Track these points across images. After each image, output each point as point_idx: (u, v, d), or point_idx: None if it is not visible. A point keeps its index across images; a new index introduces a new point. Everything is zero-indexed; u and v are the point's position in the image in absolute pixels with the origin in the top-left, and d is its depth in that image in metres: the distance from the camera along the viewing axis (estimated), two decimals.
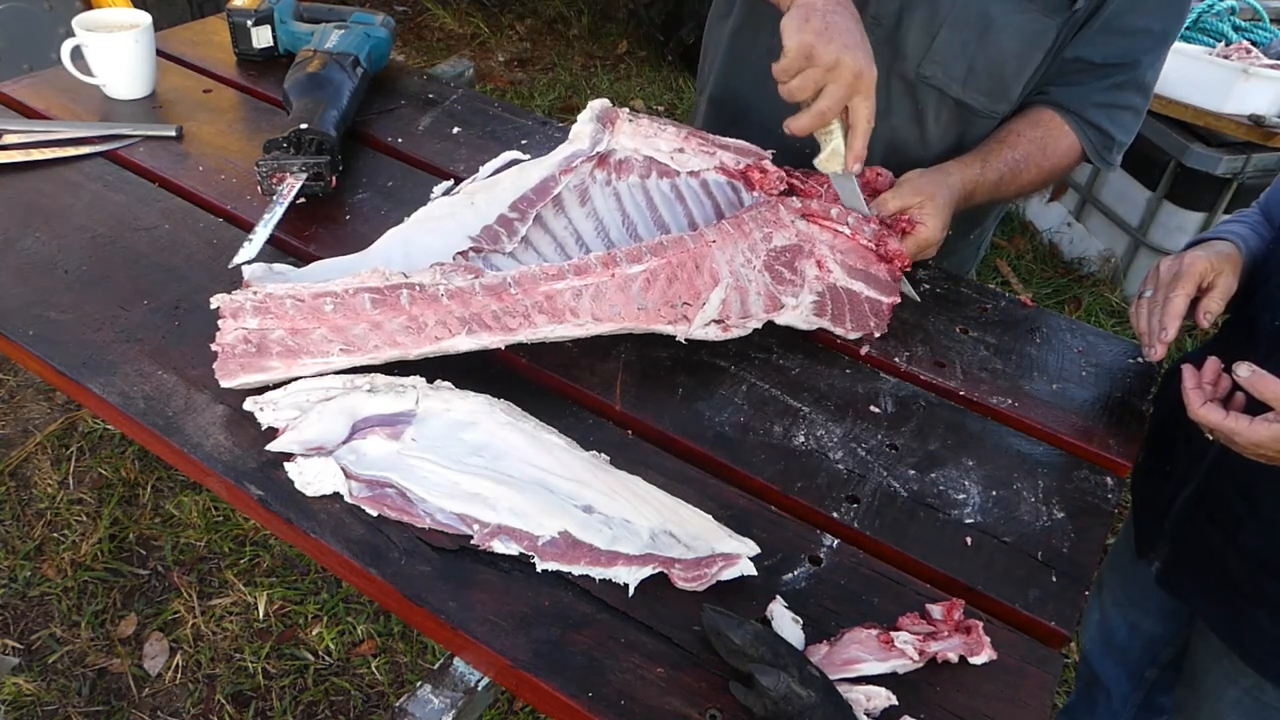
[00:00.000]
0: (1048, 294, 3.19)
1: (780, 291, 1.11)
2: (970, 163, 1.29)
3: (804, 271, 1.13)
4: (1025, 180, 1.32)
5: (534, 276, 1.00)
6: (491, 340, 0.98)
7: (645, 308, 1.04)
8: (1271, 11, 3.18)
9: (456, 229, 1.12)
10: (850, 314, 1.15)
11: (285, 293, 0.95)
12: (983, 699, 0.80)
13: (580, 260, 1.03)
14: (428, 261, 1.05)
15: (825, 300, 1.13)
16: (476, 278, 0.99)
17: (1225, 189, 2.87)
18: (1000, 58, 1.27)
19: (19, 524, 2.16)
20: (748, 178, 1.24)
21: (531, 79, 4.30)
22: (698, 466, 0.98)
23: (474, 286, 0.98)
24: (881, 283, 1.17)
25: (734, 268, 1.08)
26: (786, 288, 1.11)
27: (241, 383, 0.95)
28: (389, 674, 1.95)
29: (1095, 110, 1.31)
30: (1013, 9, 1.23)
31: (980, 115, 1.32)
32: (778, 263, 1.12)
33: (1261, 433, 0.92)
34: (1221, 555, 1.15)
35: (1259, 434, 0.92)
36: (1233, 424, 0.94)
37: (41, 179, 1.27)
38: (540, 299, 1.00)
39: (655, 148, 1.25)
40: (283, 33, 1.56)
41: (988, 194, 1.30)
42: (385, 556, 0.85)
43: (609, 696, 0.77)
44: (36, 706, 1.84)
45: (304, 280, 1.02)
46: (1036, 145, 1.31)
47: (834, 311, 1.14)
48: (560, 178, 1.19)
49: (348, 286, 0.96)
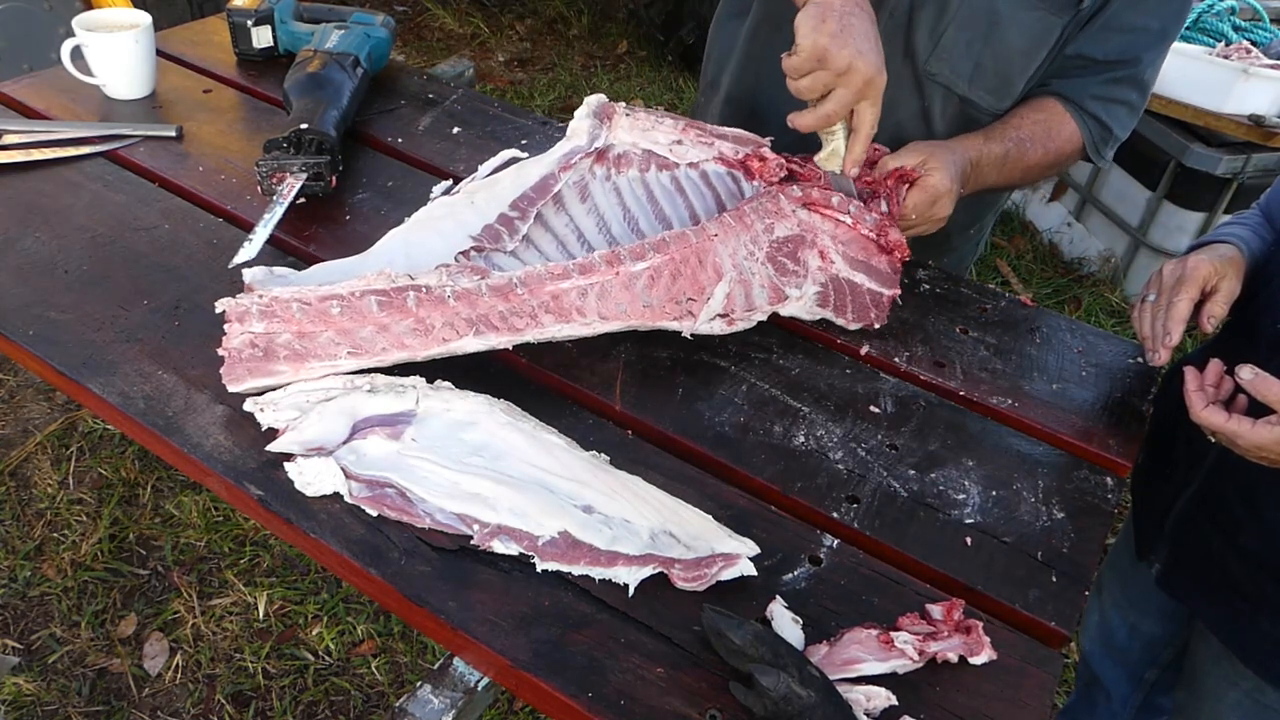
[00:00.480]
0: (1048, 294, 3.19)
1: (784, 283, 1.11)
2: (973, 138, 1.29)
3: (807, 262, 1.13)
4: (1031, 160, 1.31)
5: (540, 276, 1.00)
6: (499, 341, 0.98)
7: (650, 305, 1.04)
8: (1271, 11, 3.18)
9: (457, 229, 1.12)
10: (852, 305, 1.15)
11: (291, 296, 0.95)
12: (983, 699, 0.80)
13: (585, 260, 1.03)
14: (430, 262, 1.05)
15: (828, 291, 1.14)
16: (483, 279, 0.99)
17: (1225, 189, 2.87)
18: (1006, 55, 1.27)
19: (19, 524, 2.16)
20: (747, 167, 1.24)
21: (531, 79, 4.30)
22: (698, 466, 0.98)
23: (480, 288, 0.98)
24: (882, 274, 1.17)
25: (737, 260, 1.08)
26: (790, 279, 1.11)
27: (249, 387, 0.95)
28: (389, 674, 1.95)
29: (1093, 102, 1.32)
30: (1020, 6, 1.23)
31: (984, 113, 1.33)
32: (780, 254, 1.12)
33: (1264, 435, 0.92)
34: (1222, 557, 1.15)
35: (1262, 437, 0.93)
36: (1235, 426, 0.94)
37: (41, 179, 1.27)
38: (547, 299, 1.00)
39: (653, 140, 1.25)
40: (283, 33, 1.56)
41: (995, 167, 1.29)
42: (385, 556, 0.85)
43: (609, 696, 0.77)
44: (36, 706, 1.84)
45: (305, 283, 1.02)
46: (1040, 127, 1.31)
47: (836, 302, 1.14)
48: (560, 175, 1.19)
49: (354, 289, 0.96)
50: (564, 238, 1.17)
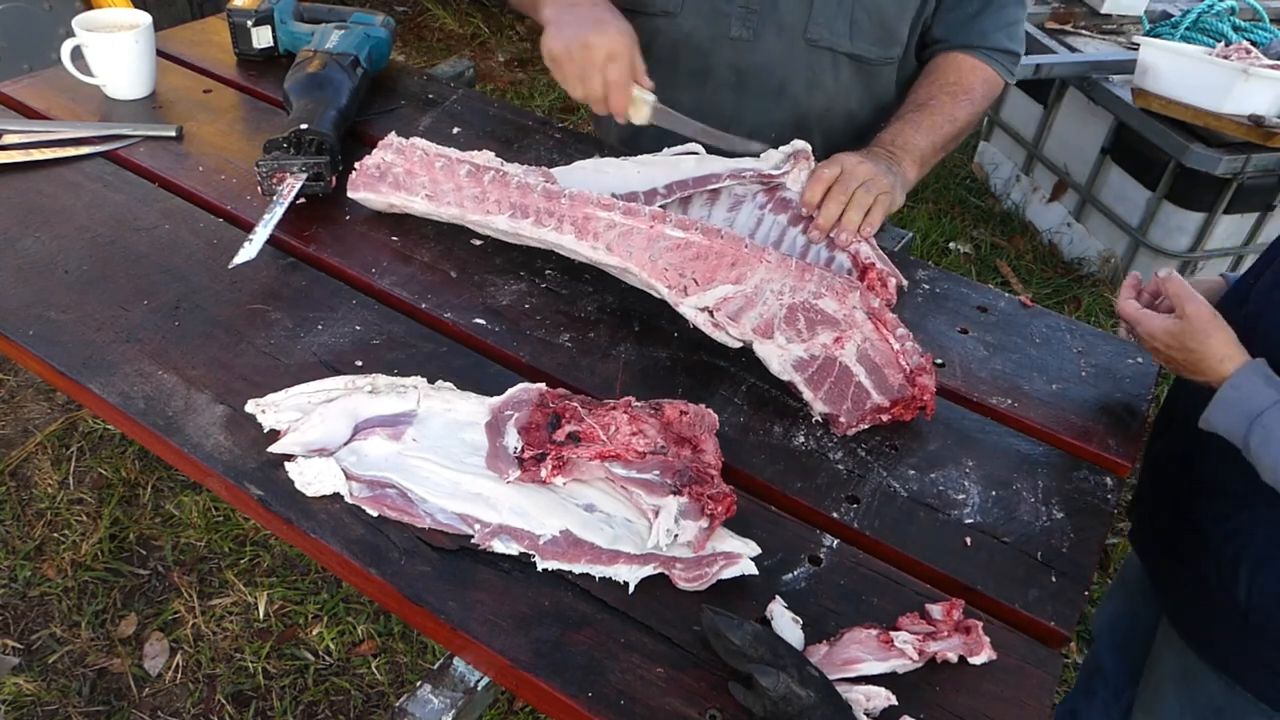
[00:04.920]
0: (1048, 294, 3.19)
1: (779, 330, 1.05)
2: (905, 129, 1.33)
3: (815, 338, 1.04)
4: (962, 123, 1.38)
5: (587, 198, 1.12)
6: (521, 227, 1.14)
7: (656, 261, 1.07)
8: (1271, 11, 3.19)
9: (610, 183, 1.24)
10: (832, 387, 1.03)
11: (422, 146, 1.22)
12: (982, 699, 0.80)
13: (635, 206, 1.11)
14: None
15: (813, 364, 1.03)
16: (546, 181, 1.17)
17: (1225, 189, 2.86)
18: (877, 4, 1.34)
19: (19, 524, 2.16)
20: (866, 272, 1.18)
21: (531, 79, 4.30)
22: None
23: (539, 186, 1.15)
24: (885, 385, 1.03)
25: (760, 284, 1.06)
26: (790, 332, 1.05)
27: (363, 197, 1.22)
28: (389, 674, 1.95)
29: (995, 36, 1.40)
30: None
31: (875, 64, 1.39)
32: (802, 313, 1.05)
33: (1155, 324, 1.02)
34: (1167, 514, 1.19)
35: (1153, 324, 1.02)
36: (1138, 314, 1.05)
37: (41, 179, 1.27)
38: (579, 216, 1.11)
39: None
40: (283, 33, 1.56)
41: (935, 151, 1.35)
42: (385, 556, 0.85)
43: (609, 696, 0.77)
44: (36, 706, 1.84)
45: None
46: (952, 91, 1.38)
47: (814, 376, 1.03)
48: (725, 179, 1.24)
49: (460, 157, 1.21)
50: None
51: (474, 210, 1.17)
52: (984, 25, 1.39)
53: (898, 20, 1.36)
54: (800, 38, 1.35)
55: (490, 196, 1.16)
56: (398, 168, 1.20)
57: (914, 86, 1.41)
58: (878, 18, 1.34)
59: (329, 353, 1.05)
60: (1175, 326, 1.00)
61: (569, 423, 0.90)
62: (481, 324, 1.12)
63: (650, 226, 1.09)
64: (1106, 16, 3.51)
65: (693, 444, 0.92)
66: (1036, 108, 3.49)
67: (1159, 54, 2.81)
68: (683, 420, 0.93)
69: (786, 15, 1.33)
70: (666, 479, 0.87)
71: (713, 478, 0.88)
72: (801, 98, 1.40)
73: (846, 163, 1.23)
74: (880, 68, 1.40)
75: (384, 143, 1.22)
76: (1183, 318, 1.00)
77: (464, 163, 1.19)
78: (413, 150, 1.21)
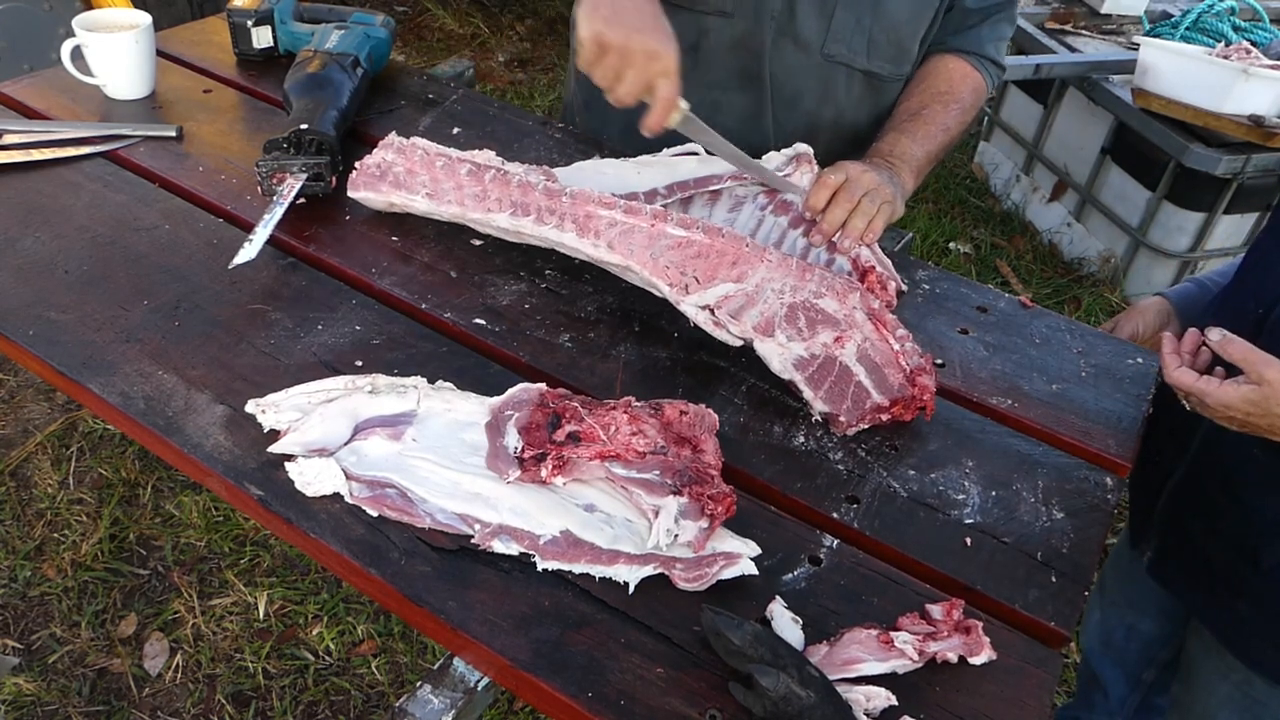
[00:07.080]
0: (1048, 294, 3.19)
1: (780, 328, 1.05)
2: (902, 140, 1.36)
3: (816, 337, 1.04)
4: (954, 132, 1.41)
5: (588, 196, 1.12)
6: (522, 225, 1.14)
7: (658, 259, 1.07)
8: (1271, 12, 3.19)
9: (610, 184, 1.24)
10: (832, 387, 1.03)
11: (422, 145, 1.22)
12: (982, 699, 0.80)
13: (636, 205, 1.11)
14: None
15: (813, 363, 1.04)
16: (547, 179, 1.17)
17: (1225, 189, 2.86)
18: (895, 25, 1.36)
19: (19, 524, 2.16)
20: (866, 275, 1.19)
21: (531, 79, 4.30)
22: None
23: (540, 184, 1.15)
24: (885, 384, 1.03)
25: (762, 283, 1.06)
26: (790, 330, 1.05)
27: (363, 196, 1.22)
28: (389, 674, 1.95)
29: (989, 45, 1.44)
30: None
31: (887, 80, 1.42)
32: (802, 313, 1.05)
33: (1230, 394, 0.95)
34: (1204, 544, 1.17)
35: (1227, 395, 0.95)
36: (1204, 386, 0.97)
37: (41, 179, 1.27)
38: (580, 214, 1.11)
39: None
40: (283, 33, 1.56)
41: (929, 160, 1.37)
42: (385, 556, 0.85)
43: (609, 696, 0.77)
44: (36, 706, 1.84)
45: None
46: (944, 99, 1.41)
47: (814, 375, 1.03)
48: (726, 180, 1.25)
49: (460, 157, 1.21)
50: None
51: (475, 209, 1.17)
52: (981, 34, 1.44)
53: (911, 40, 1.39)
54: (818, 53, 1.36)
55: (491, 195, 1.16)
56: (398, 167, 1.21)
57: (906, 91, 1.44)
58: (894, 38, 1.37)
59: (329, 353, 1.05)
60: (1256, 394, 0.93)
61: (569, 423, 0.90)
62: (481, 324, 1.12)
63: (652, 225, 1.09)
64: (1106, 16, 3.51)
65: (693, 444, 0.92)
66: (1036, 108, 3.49)
67: (1159, 54, 2.81)
68: (683, 420, 0.93)
69: (805, 30, 1.35)
70: (666, 479, 0.87)
71: (713, 478, 0.88)
72: (814, 109, 1.42)
73: (851, 171, 1.23)
74: (890, 83, 1.43)
75: (384, 142, 1.23)
76: (1261, 383, 0.93)
77: (465, 162, 1.19)
78: (413, 149, 1.21)
